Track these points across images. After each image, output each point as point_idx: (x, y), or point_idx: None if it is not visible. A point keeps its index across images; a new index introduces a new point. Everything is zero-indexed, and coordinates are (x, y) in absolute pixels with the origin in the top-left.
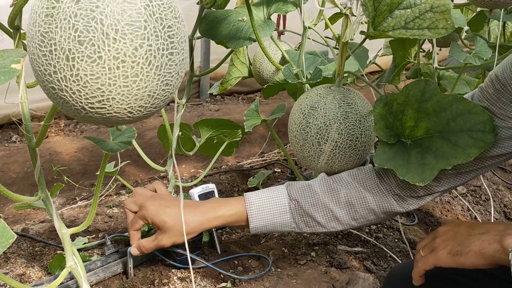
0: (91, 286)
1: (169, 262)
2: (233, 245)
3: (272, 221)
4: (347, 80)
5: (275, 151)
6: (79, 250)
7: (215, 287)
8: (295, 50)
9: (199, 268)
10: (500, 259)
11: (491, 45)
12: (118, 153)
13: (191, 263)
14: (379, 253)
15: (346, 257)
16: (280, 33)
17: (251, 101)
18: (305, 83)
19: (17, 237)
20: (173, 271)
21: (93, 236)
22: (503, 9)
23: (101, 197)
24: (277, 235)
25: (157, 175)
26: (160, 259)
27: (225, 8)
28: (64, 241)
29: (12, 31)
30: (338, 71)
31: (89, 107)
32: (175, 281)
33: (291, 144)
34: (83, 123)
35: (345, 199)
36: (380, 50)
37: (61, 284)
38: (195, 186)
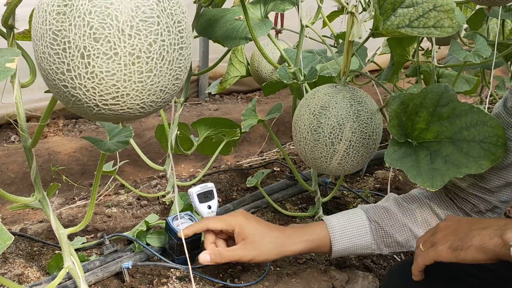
0: (90, 285)
1: (167, 262)
2: None
3: (354, 244)
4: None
5: (274, 150)
6: (78, 249)
7: (214, 286)
8: (294, 48)
9: (198, 267)
10: (501, 254)
11: (490, 43)
12: (116, 152)
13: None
14: None
15: None
16: (278, 32)
17: (250, 100)
18: (300, 82)
19: (16, 237)
20: (172, 270)
21: (92, 235)
22: (501, 7)
23: (99, 196)
24: None
25: (156, 175)
26: (158, 259)
27: (222, 6)
28: (61, 242)
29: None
30: (343, 69)
31: (103, 104)
32: (173, 281)
33: (297, 145)
34: (85, 122)
35: (421, 218)
36: (378, 48)
37: (59, 284)
38: (193, 185)
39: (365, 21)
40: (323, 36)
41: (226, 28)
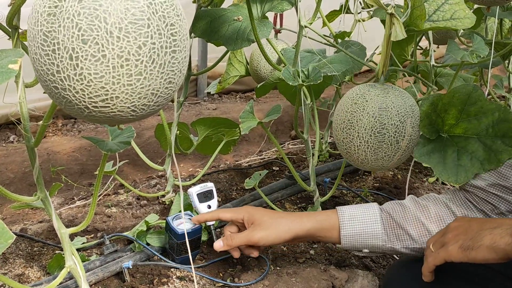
0: (90, 285)
1: (167, 261)
2: None
3: (363, 230)
4: (345, 78)
5: (273, 149)
6: (78, 249)
7: (215, 285)
8: (293, 48)
9: (198, 267)
10: None
11: (488, 43)
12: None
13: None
14: None
15: (345, 254)
16: (277, 32)
17: (248, 99)
18: (306, 84)
19: (16, 237)
20: (172, 270)
21: (92, 235)
22: (499, 6)
23: (99, 196)
24: None
25: (155, 174)
26: (158, 258)
27: (221, 6)
28: (63, 241)
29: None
30: (382, 68)
31: (93, 106)
32: (174, 280)
33: (355, 150)
34: (84, 122)
35: (435, 214)
36: (377, 48)
37: (60, 284)
38: (193, 185)
39: (359, 21)
40: (324, 35)
41: (226, 29)
